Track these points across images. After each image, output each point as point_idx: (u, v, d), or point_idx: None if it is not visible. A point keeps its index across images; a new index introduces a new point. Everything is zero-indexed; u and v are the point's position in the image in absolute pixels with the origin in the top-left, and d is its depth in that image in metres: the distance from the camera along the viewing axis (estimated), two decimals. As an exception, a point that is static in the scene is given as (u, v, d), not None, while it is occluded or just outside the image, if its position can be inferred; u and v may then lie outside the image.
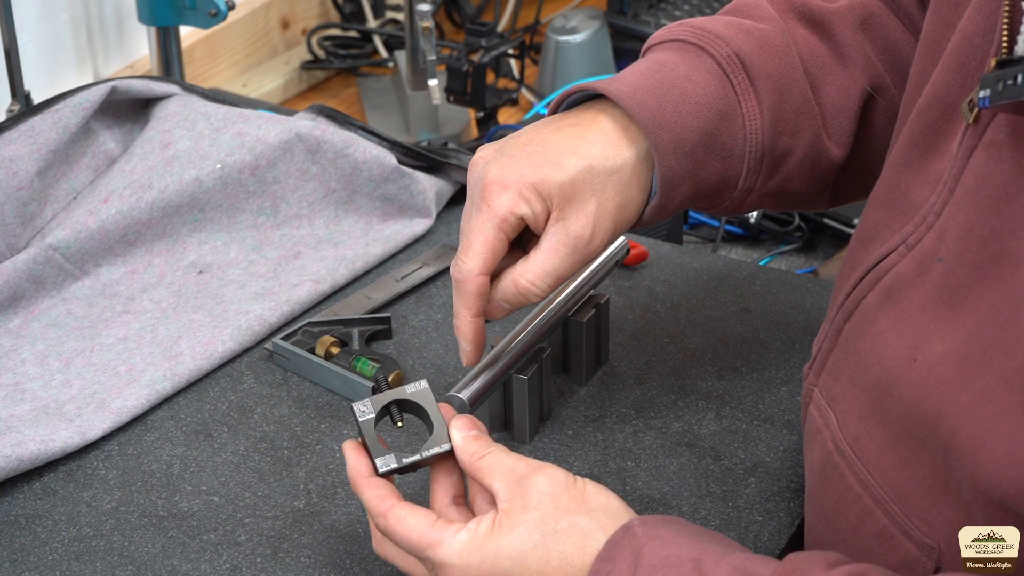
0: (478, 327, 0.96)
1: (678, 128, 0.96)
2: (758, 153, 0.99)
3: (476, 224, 0.94)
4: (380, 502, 0.88)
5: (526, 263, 0.95)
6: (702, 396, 1.11)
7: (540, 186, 0.94)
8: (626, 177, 0.96)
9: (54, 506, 1.01)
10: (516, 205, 0.94)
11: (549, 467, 0.87)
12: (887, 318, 0.85)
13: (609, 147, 0.96)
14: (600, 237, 0.95)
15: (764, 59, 0.99)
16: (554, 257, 0.95)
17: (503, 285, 0.96)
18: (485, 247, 0.94)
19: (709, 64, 0.99)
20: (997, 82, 0.76)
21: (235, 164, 1.24)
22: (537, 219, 0.94)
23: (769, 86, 0.99)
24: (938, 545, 0.81)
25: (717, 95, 0.98)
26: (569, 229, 0.94)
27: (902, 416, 0.82)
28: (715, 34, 1.00)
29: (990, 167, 0.79)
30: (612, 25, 1.80)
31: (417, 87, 1.70)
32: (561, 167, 0.94)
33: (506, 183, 0.94)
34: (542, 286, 0.95)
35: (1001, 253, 0.77)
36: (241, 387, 1.13)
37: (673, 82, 0.98)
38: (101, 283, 1.21)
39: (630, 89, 0.97)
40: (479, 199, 0.95)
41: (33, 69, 1.53)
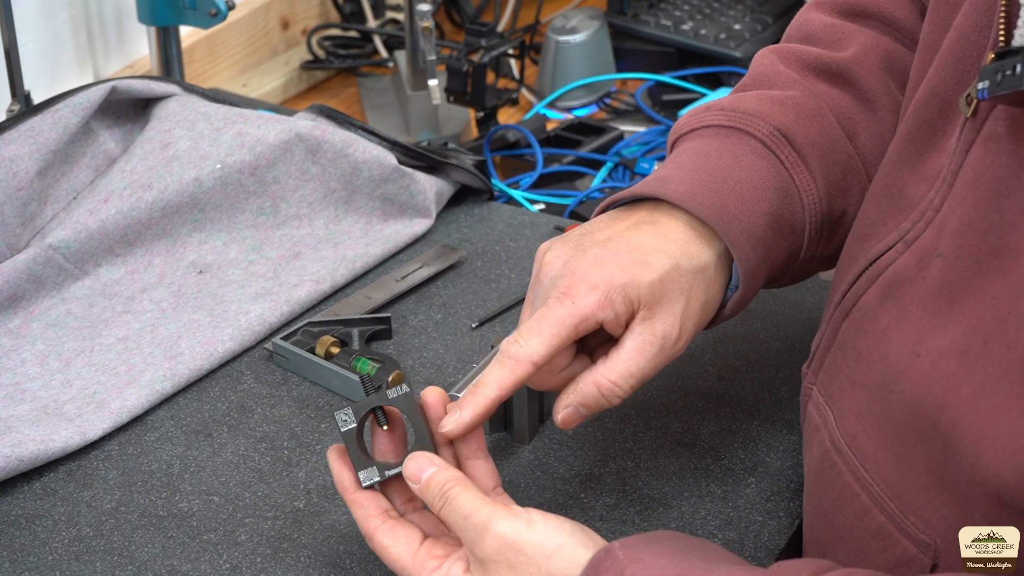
0: (491, 410, 0.90)
1: (746, 218, 0.94)
2: (818, 222, 0.97)
3: (553, 313, 0.89)
4: (365, 523, 0.89)
5: (608, 363, 0.91)
6: (702, 396, 1.11)
7: (629, 288, 0.90)
8: (710, 275, 0.93)
9: (54, 506, 1.01)
10: (601, 308, 0.89)
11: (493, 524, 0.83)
12: (888, 315, 0.85)
13: (691, 246, 0.93)
14: (685, 337, 0.92)
15: (804, 127, 0.98)
16: (639, 358, 0.91)
17: (583, 388, 0.91)
18: (555, 339, 0.89)
19: (754, 145, 0.97)
20: (996, 73, 0.76)
21: (235, 164, 1.24)
22: (619, 322, 0.91)
23: (816, 153, 0.97)
24: (935, 542, 0.81)
25: (771, 175, 0.96)
26: (656, 329, 0.91)
27: (902, 412, 0.82)
28: (751, 113, 0.98)
29: (988, 161, 0.79)
30: (612, 25, 1.80)
31: (417, 87, 1.70)
32: (650, 266, 0.91)
33: (595, 283, 0.90)
34: (625, 387, 0.91)
35: (1001, 246, 0.77)
36: (241, 387, 1.13)
37: (725, 172, 0.95)
38: (101, 283, 1.21)
39: (687, 189, 0.94)
40: (560, 292, 0.90)
41: (33, 69, 1.53)
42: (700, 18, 1.80)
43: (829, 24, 1.05)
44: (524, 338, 0.89)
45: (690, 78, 1.71)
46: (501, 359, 0.89)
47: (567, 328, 0.89)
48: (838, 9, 1.06)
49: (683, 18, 1.79)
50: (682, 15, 1.80)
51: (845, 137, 1.00)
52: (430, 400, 0.91)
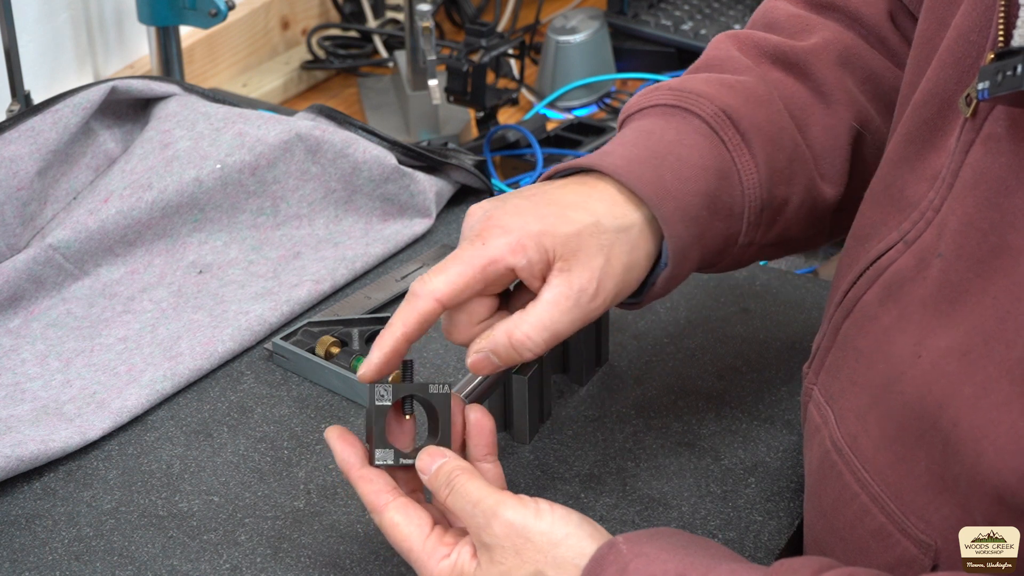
0: (400, 349, 0.89)
1: (681, 196, 0.93)
2: (757, 207, 0.96)
3: (461, 254, 0.89)
4: (375, 498, 0.88)
5: (523, 314, 0.88)
6: (702, 396, 1.11)
7: (544, 236, 0.88)
8: (634, 238, 0.92)
9: (54, 506, 1.01)
10: (512, 252, 0.88)
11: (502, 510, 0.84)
12: (889, 315, 0.85)
13: (617, 207, 0.92)
14: (603, 296, 0.90)
15: (751, 111, 0.97)
16: (554, 310, 0.88)
17: (495, 336, 0.89)
18: (460, 278, 0.88)
19: (697, 125, 0.96)
20: (996, 74, 0.76)
21: (235, 164, 1.24)
22: (532, 271, 0.89)
23: (760, 138, 0.97)
24: (935, 543, 0.81)
25: (711, 155, 0.95)
26: (573, 282, 0.88)
27: (903, 412, 0.82)
28: (697, 93, 0.97)
29: (988, 161, 0.79)
30: (612, 25, 1.80)
31: (417, 87, 1.70)
32: (568, 219, 0.90)
33: (508, 228, 0.89)
34: (538, 340, 0.88)
35: (1001, 246, 0.77)
36: (241, 387, 1.13)
37: (666, 149, 0.94)
38: (101, 283, 1.21)
39: (625, 163, 0.93)
40: (474, 236, 0.89)
41: (33, 69, 1.53)
42: (700, 18, 1.80)
43: (794, 14, 1.04)
44: (429, 276, 0.88)
45: (690, 78, 1.71)
46: (407, 298, 0.88)
47: (475, 269, 0.88)
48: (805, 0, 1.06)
49: (683, 18, 1.79)
50: (682, 15, 1.80)
51: (794, 126, 0.99)
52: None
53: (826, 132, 1.00)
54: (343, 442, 0.90)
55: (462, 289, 0.88)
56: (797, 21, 1.04)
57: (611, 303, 0.91)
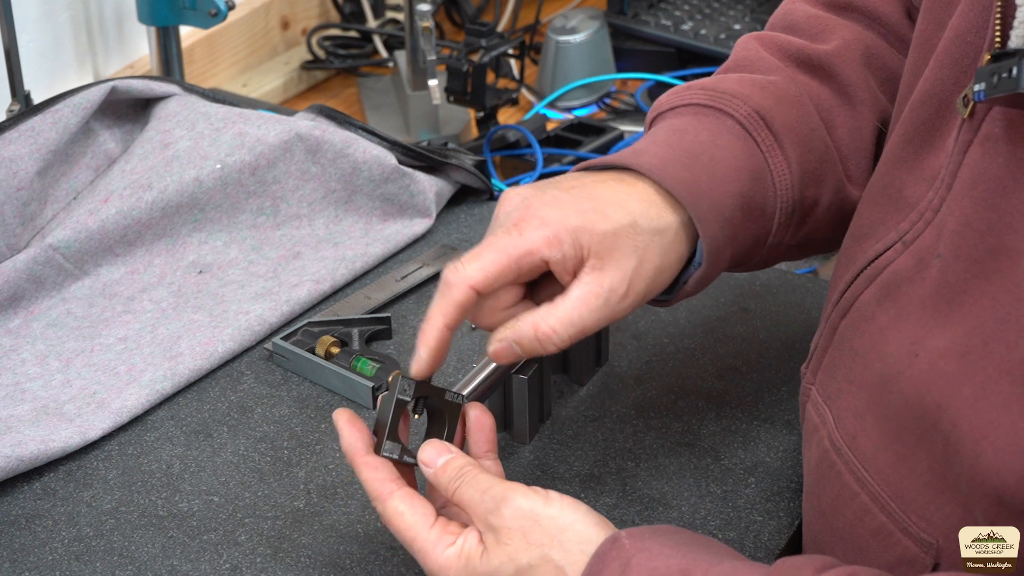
0: (445, 340, 0.89)
1: (715, 196, 0.93)
2: (789, 209, 0.97)
3: (496, 241, 0.88)
4: (379, 486, 0.88)
5: (551, 307, 0.88)
6: (702, 396, 1.11)
7: (581, 232, 0.88)
8: (668, 240, 0.92)
9: (54, 506, 1.01)
10: (548, 245, 0.88)
11: (512, 496, 0.84)
12: (886, 315, 0.85)
13: (653, 208, 0.91)
14: (632, 296, 0.90)
15: (783, 112, 0.97)
16: (583, 307, 0.88)
17: (520, 326, 0.89)
18: (494, 266, 0.88)
19: (731, 125, 0.96)
20: (992, 75, 0.76)
21: (235, 164, 1.24)
22: (565, 266, 0.89)
23: (792, 139, 0.97)
24: (936, 541, 0.81)
25: (745, 156, 0.95)
26: (604, 281, 0.89)
27: (901, 412, 0.82)
28: (730, 93, 0.97)
29: (986, 162, 0.79)
30: (612, 25, 1.80)
31: (417, 87, 1.70)
32: (607, 217, 0.90)
33: (547, 220, 0.88)
34: (564, 335, 0.88)
35: (999, 247, 0.77)
36: (241, 387, 1.13)
37: (700, 149, 0.94)
38: (101, 283, 1.21)
39: (660, 163, 0.93)
40: (511, 224, 0.89)
41: (33, 69, 1.53)
42: (700, 18, 1.80)
43: (813, 15, 1.05)
44: (463, 263, 0.88)
45: (690, 78, 1.71)
46: (441, 288, 0.89)
47: (510, 258, 0.88)
48: (822, 0, 1.06)
49: (683, 18, 1.79)
50: (682, 15, 1.80)
51: (823, 127, 0.99)
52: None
53: (851, 134, 1.00)
54: (351, 427, 0.90)
55: (496, 277, 0.88)
56: (817, 22, 1.04)
57: (640, 303, 0.92)
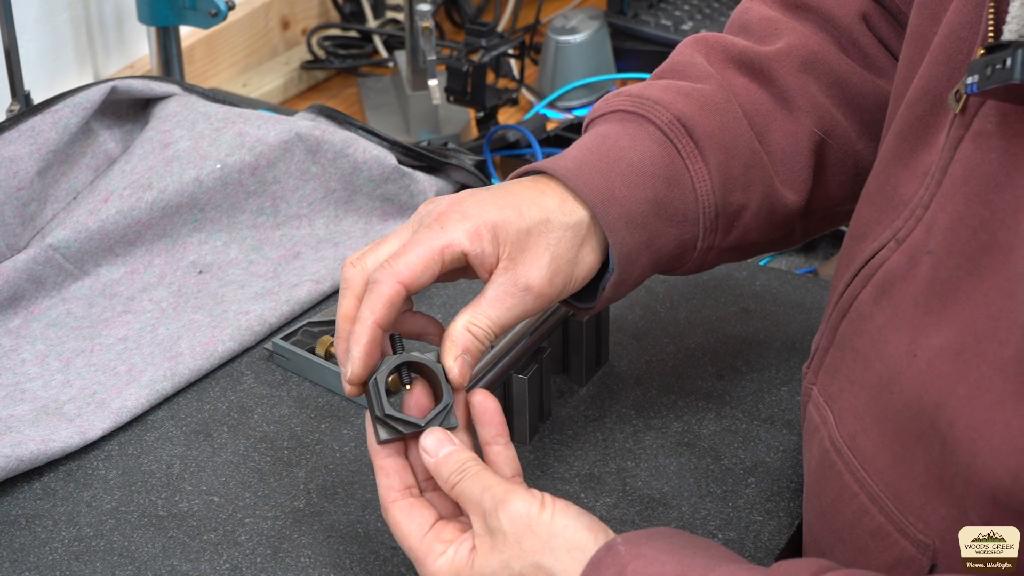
0: (376, 338, 0.89)
1: (627, 202, 0.95)
2: (712, 213, 0.98)
3: (420, 238, 0.90)
4: (386, 493, 0.89)
5: (471, 309, 0.90)
6: (702, 396, 1.11)
7: (499, 228, 0.91)
8: (581, 234, 0.94)
9: (54, 506, 1.01)
10: (469, 239, 0.90)
11: (512, 499, 0.85)
12: (883, 314, 0.85)
13: (566, 204, 0.94)
14: (548, 292, 0.92)
15: (706, 119, 0.99)
16: (499, 306, 0.91)
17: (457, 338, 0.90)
18: (419, 260, 0.89)
19: (651, 131, 0.98)
20: (985, 67, 0.76)
21: (235, 164, 1.24)
22: (484, 261, 0.90)
23: (714, 145, 0.98)
24: (934, 543, 0.81)
25: (662, 162, 0.97)
26: (518, 280, 0.91)
27: (901, 412, 0.82)
28: (654, 100, 0.99)
29: (978, 157, 0.79)
30: (612, 25, 1.80)
31: (417, 87, 1.70)
32: (523, 215, 0.92)
33: (467, 214, 0.91)
34: (489, 334, 0.91)
35: (991, 243, 0.77)
36: (241, 387, 1.13)
37: (618, 154, 0.97)
38: (101, 283, 1.21)
39: (575, 166, 0.95)
40: (432, 220, 0.91)
41: (33, 69, 1.53)
42: (700, 18, 1.80)
43: (765, 17, 1.06)
44: (388, 261, 0.89)
45: (690, 78, 1.71)
46: (370, 287, 0.89)
47: (434, 251, 0.89)
48: (779, 1, 1.07)
49: (683, 18, 1.79)
50: (682, 15, 1.80)
51: (752, 133, 1.00)
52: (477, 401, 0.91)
53: (787, 138, 1.02)
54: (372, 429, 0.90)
55: (422, 272, 0.89)
56: (767, 24, 1.05)
57: (556, 298, 0.93)
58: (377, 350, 0.90)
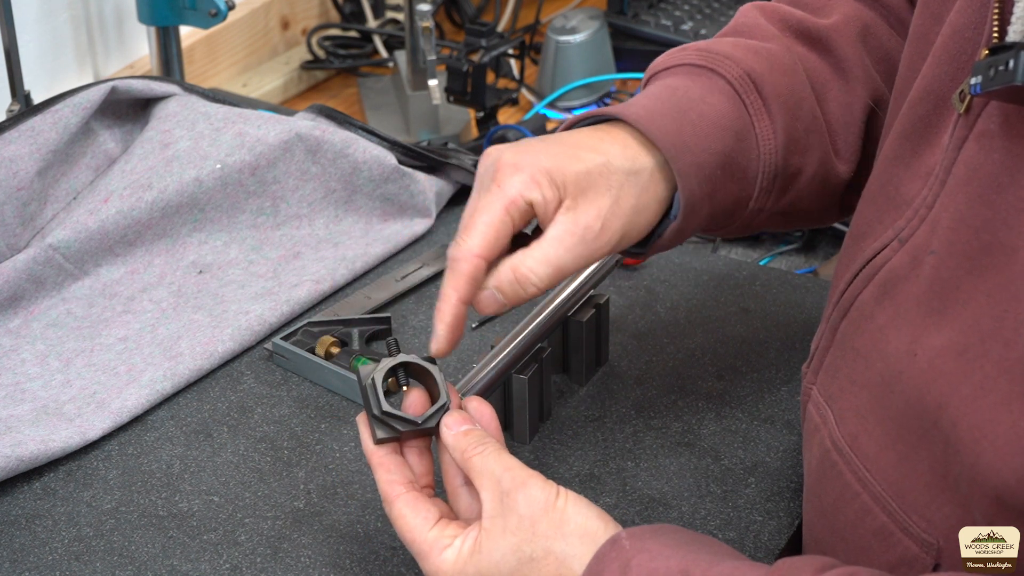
0: (460, 315, 0.89)
1: (698, 151, 0.94)
2: (771, 173, 0.97)
3: (482, 204, 0.89)
4: (389, 487, 0.89)
5: (527, 250, 0.90)
6: (702, 396, 1.11)
7: (555, 172, 0.89)
8: (643, 181, 0.92)
9: (54, 506, 1.01)
10: (528, 188, 0.89)
11: (532, 484, 0.85)
12: (884, 314, 0.85)
13: (629, 149, 0.93)
14: (608, 235, 0.91)
15: (774, 78, 0.98)
16: (559, 246, 0.89)
17: (500, 271, 0.89)
18: (489, 227, 0.88)
19: (722, 85, 0.97)
20: (989, 68, 0.76)
21: (235, 164, 1.24)
22: (547, 207, 0.89)
23: (781, 105, 0.97)
24: (937, 542, 0.81)
25: (732, 116, 0.96)
26: (579, 219, 0.89)
27: (902, 412, 0.82)
28: (724, 55, 0.98)
29: (981, 157, 0.79)
30: (612, 25, 1.80)
31: (417, 87, 1.70)
32: (579, 158, 0.91)
33: (520, 166, 0.89)
34: (542, 275, 0.89)
35: (994, 244, 0.77)
36: (241, 387, 1.13)
37: (688, 105, 0.95)
38: (101, 283, 1.21)
39: (647, 113, 0.94)
40: (488, 180, 0.90)
41: (33, 69, 1.53)
42: (700, 18, 1.80)
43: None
44: (462, 238, 0.89)
45: (690, 78, 1.71)
46: (449, 264, 0.89)
47: (499, 213, 0.89)
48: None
49: (683, 18, 1.79)
50: (682, 15, 1.80)
51: (814, 98, 1.00)
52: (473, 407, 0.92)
53: (843, 108, 1.01)
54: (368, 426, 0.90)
55: (496, 237, 0.89)
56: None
57: (617, 244, 0.92)
58: (461, 326, 0.90)
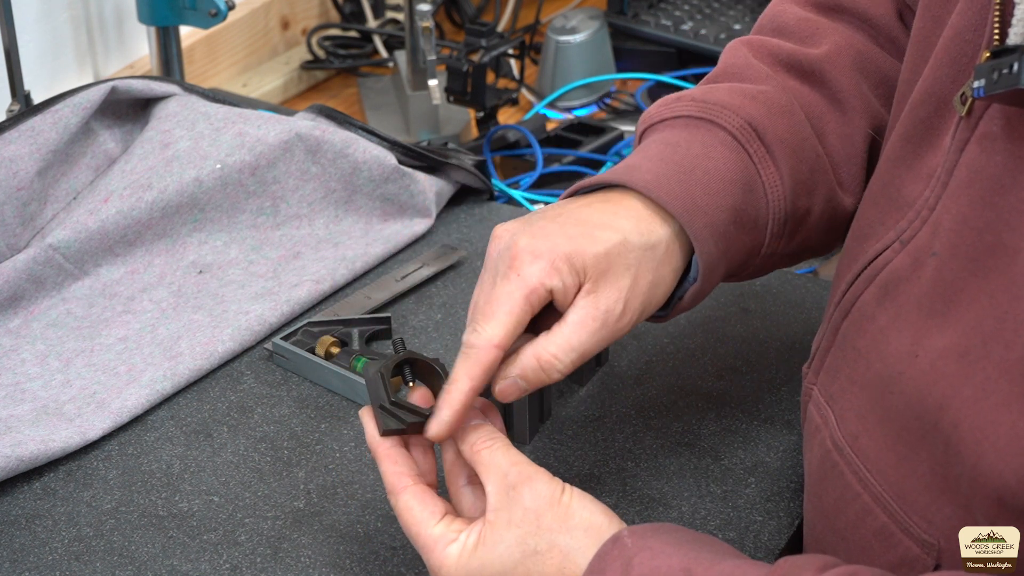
0: (469, 403, 0.88)
1: (710, 210, 0.92)
2: (781, 219, 0.96)
3: (501, 292, 0.88)
4: (395, 479, 0.88)
5: (549, 336, 0.88)
6: (702, 396, 1.11)
7: (574, 257, 0.88)
8: (660, 255, 0.91)
9: (54, 506, 1.01)
10: (548, 276, 0.87)
11: (538, 478, 0.85)
12: (885, 315, 0.85)
13: (643, 223, 0.91)
14: (630, 315, 0.90)
15: (774, 123, 0.97)
16: (581, 332, 0.88)
17: (523, 360, 0.88)
18: (509, 317, 0.87)
19: (723, 137, 0.95)
20: (991, 72, 0.76)
21: (235, 164, 1.24)
22: (567, 293, 0.88)
23: (784, 150, 0.96)
24: (938, 542, 0.81)
25: (738, 169, 0.95)
26: (600, 303, 0.88)
27: (903, 413, 0.82)
28: (721, 104, 0.97)
29: (983, 160, 0.79)
30: (612, 25, 1.80)
31: (417, 87, 1.70)
32: (596, 239, 0.89)
33: (538, 252, 0.88)
34: (566, 361, 0.88)
35: (996, 245, 0.77)
36: (241, 387, 1.13)
37: (693, 163, 0.94)
38: (101, 283, 1.21)
39: (654, 179, 0.92)
40: (506, 267, 0.88)
41: (33, 69, 1.53)
42: (700, 18, 1.80)
43: (803, 18, 1.04)
44: (480, 325, 0.87)
45: (690, 78, 1.71)
46: (465, 351, 0.88)
47: (518, 302, 0.88)
48: (812, 2, 1.05)
49: (683, 18, 1.79)
50: (682, 15, 1.80)
51: (814, 136, 0.99)
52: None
53: (843, 141, 1.00)
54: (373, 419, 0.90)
55: (515, 328, 0.88)
56: (807, 25, 1.03)
57: (638, 320, 0.91)
58: (467, 414, 0.88)
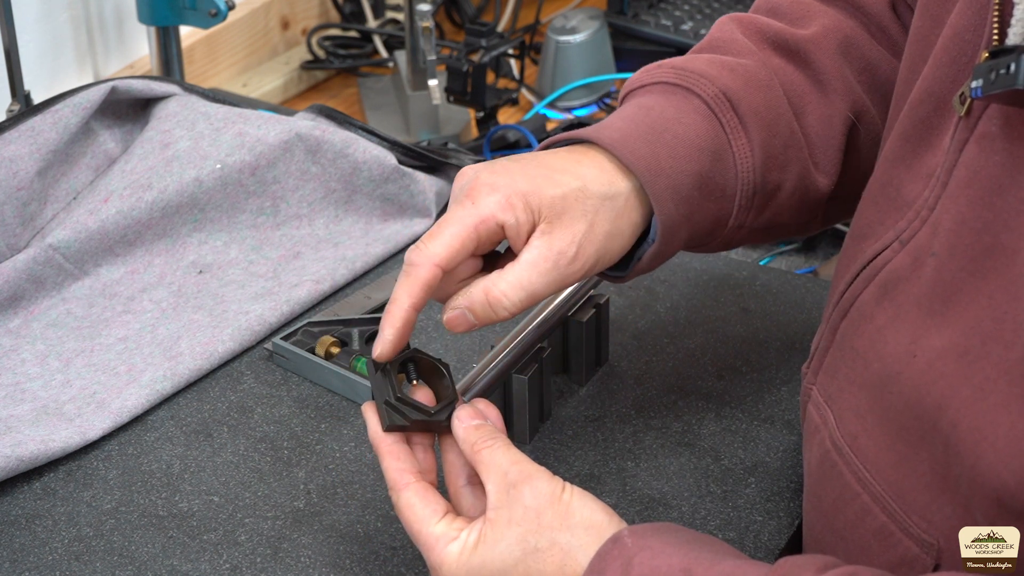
0: (410, 321, 0.88)
1: (674, 174, 0.93)
2: (750, 191, 0.97)
3: (452, 216, 0.89)
4: (398, 475, 0.88)
5: (501, 273, 0.89)
6: (702, 396, 1.11)
7: (531, 196, 0.89)
8: (619, 206, 0.92)
9: (54, 506, 1.01)
10: (502, 210, 0.88)
11: (539, 477, 0.86)
12: (884, 315, 0.85)
13: (605, 175, 0.92)
14: (582, 261, 0.91)
15: (750, 95, 0.98)
16: (532, 271, 0.89)
17: (472, 292, 0.89)
18: (454, 239, 0.88)
19: (697, 104, 0.97)
20: (990, 72, 0.76)
21: (235, 164, 1.24)
22: (519, 231, 0.89)
23: (757, 122, 0.97)
24: (937, 542, 0.81)
25: (708, 136, 0.96)
26: (553, 244, 0.89)
27: (902, 412, 0.82)
28: (699, 73, 0.98)
29: (982, 160, 0.79)
30: (612, 25, 1.80)
31: (417, 87, 1.70)
32: (555, 182, 0.91)
33: (496, 186, 0.89)
34: (515, 299, 0.89)
35: (995, 245, 0.77)
36: (241, 387, 1.13)
37: (663, 126, 0.95)
38: (101, 283, 1.21)
39: (621, 136, 0.94)
40: (463, 196, 0.89)
41: (33, 69, 1.53)
42: (700, 18, 1.80)
43: (796, 0, 1.05)
44: (424, 242, 0.88)
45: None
46: (406, 268, 0.88)
47: (468, 229, 0.88)
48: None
49: (683, 18, 1.79)
50: (682, 15, 1.80)
51: (791, 113, 0.99)
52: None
53: (821, 121, 1.01)
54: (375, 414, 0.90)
55: (458, 251, 0.89)
56: (799, 7, 1.04)
57: (591, 269, 0.92)
58: (408, 331, 0.89)
